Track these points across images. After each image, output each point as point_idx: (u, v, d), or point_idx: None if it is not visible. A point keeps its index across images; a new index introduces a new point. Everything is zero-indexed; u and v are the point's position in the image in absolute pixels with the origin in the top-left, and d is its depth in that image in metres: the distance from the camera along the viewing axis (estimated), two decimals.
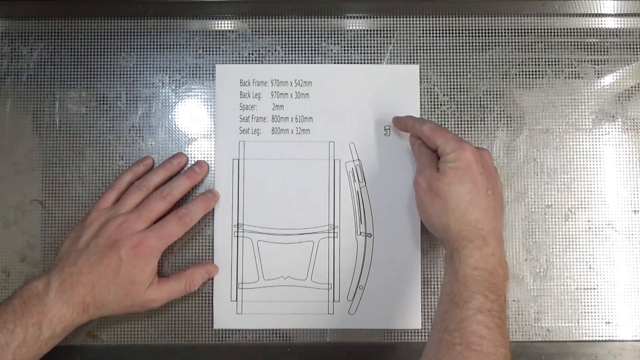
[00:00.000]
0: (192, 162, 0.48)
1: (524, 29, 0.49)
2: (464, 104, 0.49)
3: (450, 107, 0.48)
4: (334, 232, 0.47)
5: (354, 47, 0.49)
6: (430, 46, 0.49)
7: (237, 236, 0.47)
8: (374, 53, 0.49)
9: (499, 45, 0.49)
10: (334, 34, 0.49)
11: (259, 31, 0.49)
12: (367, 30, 0.49)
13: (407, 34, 0.49)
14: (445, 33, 0.49)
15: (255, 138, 0.48)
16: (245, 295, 0.47)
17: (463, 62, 0.49)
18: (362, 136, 0.48)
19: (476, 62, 0.49)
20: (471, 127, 0.48)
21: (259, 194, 0.47)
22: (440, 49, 0.49)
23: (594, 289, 0.47)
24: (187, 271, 0.45)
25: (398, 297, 0.47)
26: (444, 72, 0.49)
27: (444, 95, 0.49)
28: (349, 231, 0.47)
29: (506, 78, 0.49)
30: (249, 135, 0.48)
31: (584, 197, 0.48)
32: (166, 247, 0.43)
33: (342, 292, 0.47)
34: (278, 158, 0.48)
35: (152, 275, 0.43)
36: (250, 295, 0.47)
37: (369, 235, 0.47)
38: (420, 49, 0.49)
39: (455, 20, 0.49)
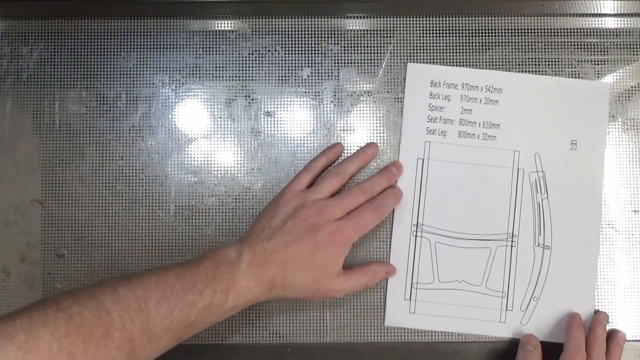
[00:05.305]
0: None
1: (524, 29, 0.49)
2: None
3: None
4: (512, 241, 0.47)
5: (354, 47, 0.49)
6: (430, 46, 0.49)
7: (416, 236, 0.47)
8: (374, 53, 0.49)
9: (499, 45, 0.49)
10: (334, 34, 0.49)
11: (259, 31, 0.49)
12: (367, 30, 0.49)
13: (407, 34, 0.49)
14: (445, 33, 0.49)
15: (441, 139, 0.47)
16: (420, 295, 0.47)
17: (463, 62, 0.49)
18: (548, 148, 0.47)
19: (476, 62, 0.49)
20: None
21: (440, 195, 0.47)
22: (440, 49, 0.49)
23: (594, 289, 0.47)
24: (371, 266, 0.45)
25: (571, 311, 0.46)
26: None
27: None
28: (526, 241, 0.47)
29: None
30: (435, 136, 0.48)
31: None
32: (359, 237, 0.43)
33: (516, 301, 0.47)
34: (462, 162, 0.47)
35: (341, 265, 0.42)
36: (424, 296, 0.47)
37: (547, 247, 0.47)
38: (420, 49, 0.49)
39: (455, 20, 0.49)
